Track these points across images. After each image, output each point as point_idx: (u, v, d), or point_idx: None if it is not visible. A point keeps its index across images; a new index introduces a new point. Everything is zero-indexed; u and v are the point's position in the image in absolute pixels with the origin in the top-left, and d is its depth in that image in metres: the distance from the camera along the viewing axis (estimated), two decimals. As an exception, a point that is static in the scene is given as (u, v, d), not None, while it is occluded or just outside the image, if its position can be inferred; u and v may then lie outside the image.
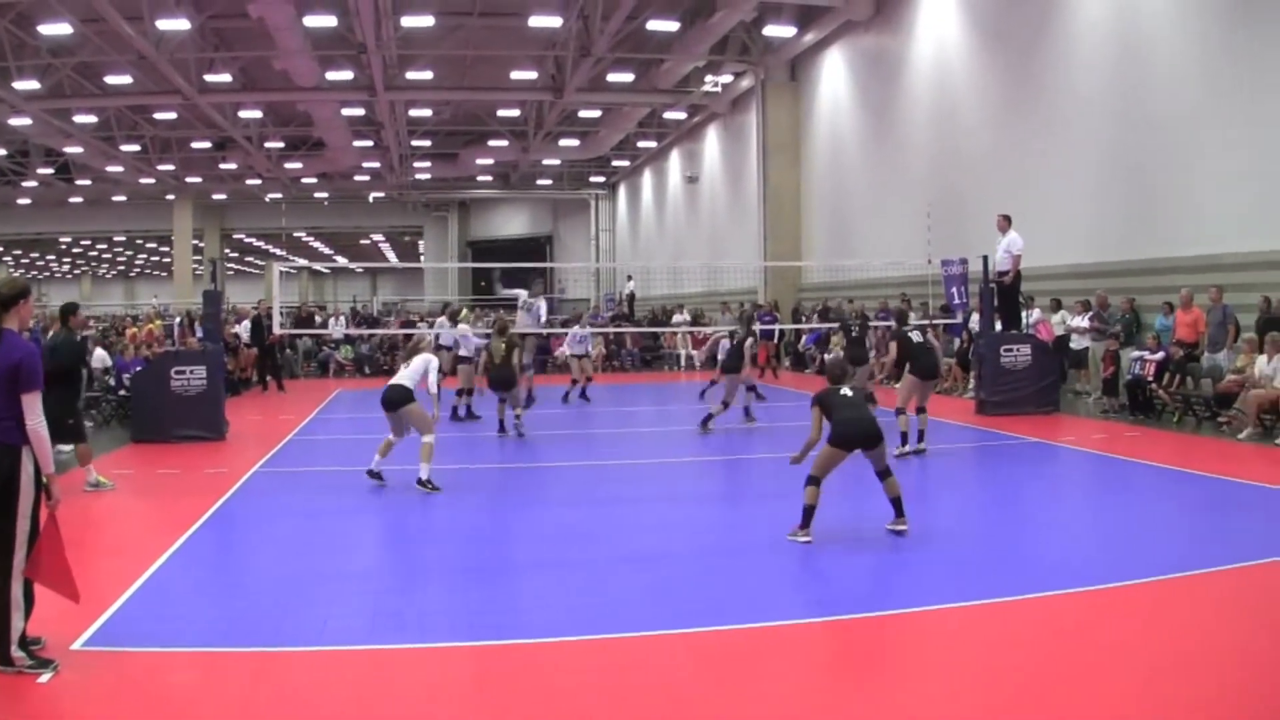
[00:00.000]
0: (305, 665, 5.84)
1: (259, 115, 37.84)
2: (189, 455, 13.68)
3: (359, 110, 37.29)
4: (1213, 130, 16.23)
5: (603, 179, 55.43)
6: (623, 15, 25.97)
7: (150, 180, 46.84)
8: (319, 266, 74.11)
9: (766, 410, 16.42)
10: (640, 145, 46.21)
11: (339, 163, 43.98)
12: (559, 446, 14.94)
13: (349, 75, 30.91)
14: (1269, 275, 15.14)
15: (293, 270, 69.77)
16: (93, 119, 36.01)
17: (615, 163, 51.58)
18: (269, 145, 41.78)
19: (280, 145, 42.59)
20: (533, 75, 33.03)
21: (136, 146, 40.96)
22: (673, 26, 28.80)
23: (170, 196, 50.99)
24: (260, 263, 79.70)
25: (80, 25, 25.44)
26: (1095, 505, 10.55)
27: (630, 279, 39.16)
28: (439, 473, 11.00)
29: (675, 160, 45.30)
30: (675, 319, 32.26)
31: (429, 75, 32.42)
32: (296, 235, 67.17)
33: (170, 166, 44.49)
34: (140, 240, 68.42)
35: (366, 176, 50.51)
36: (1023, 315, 18.32)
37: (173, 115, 36.67)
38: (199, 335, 21.88)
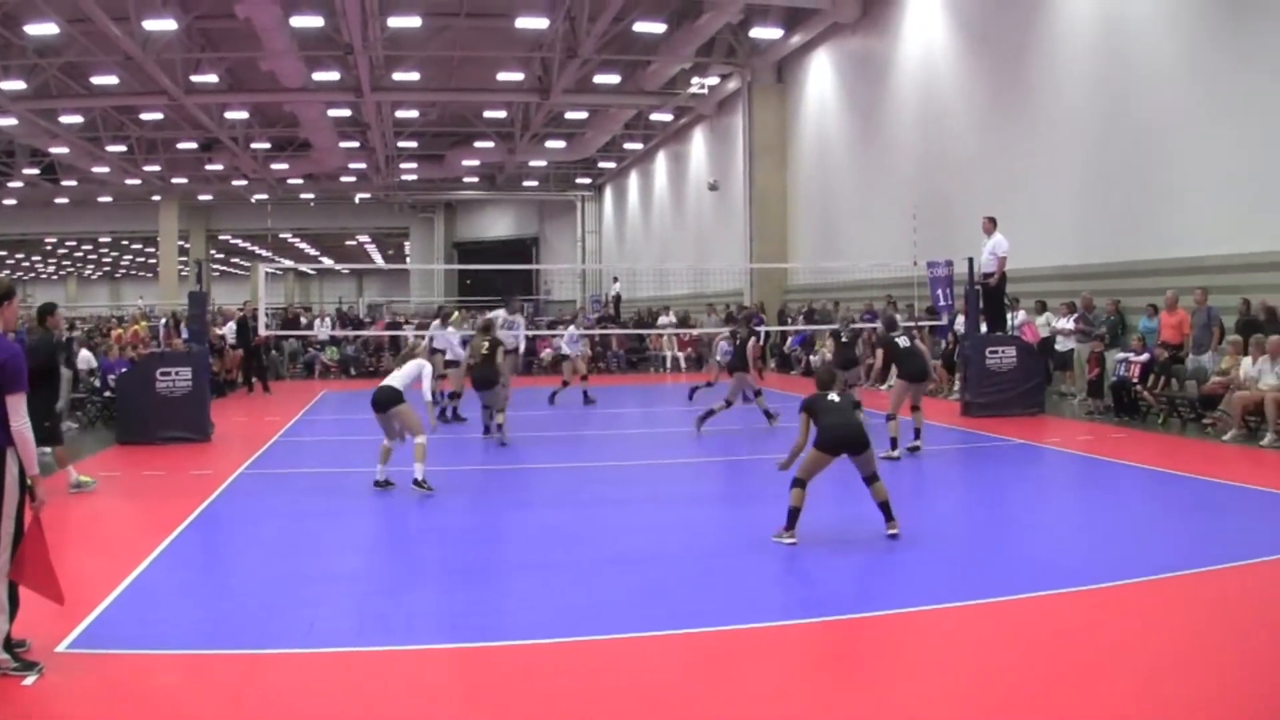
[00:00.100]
0: (291, 667, 5.83)
1: (245, 116, 37.72)
2: (174, 457, 13.63)
3: (345, 111, 37.21)
4: (1197, 133, 16.32)
5: (589, 181, 55.43)
6: (609, 17, 25.96)
7: (136, 181, 46.69)
8: (305, 268, 73.93)
9: (753, 412, 16.38)
10: (626, 147, 46.24)
11: (325, 164, 43.88)
12: (545, 448, 14.92)
13: (335, 76, 30.84)
14: (1252, 277, 15.24)
15: (278, 271, 69.57)
16: (79, 119, 35.88)
17: (601, 164, 51.58)
18: (255, 146, 41.66)
19: (266, 146, 42.49)
20: (519, 77, 33.00)
21: (122, 147, 40.83)
22: (659, 28, 28.84)
23: (156, 197, 50.81)
24: (246, 264, 79.54)
25: (66, 25, 25.34)
26: (1081, 506, 10.60)
27: (616, 281, 39.17)
28: (427, 474, 10.98)
29: (661, 162, 45.34)
30: (661, 321, 32.28)
31: (415, 76, 32.36)
32: (282, 236, 67.08)
33: (156, 167, 44.36)
34: (126, 241, 68.23)
35: (352, 177, 50.42)
36: (1008, 317, 18.38)
37: (159, 116, 36.53)
38: (184, 337, 21.85)
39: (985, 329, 17.39)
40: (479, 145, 43.67)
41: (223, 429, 15.84)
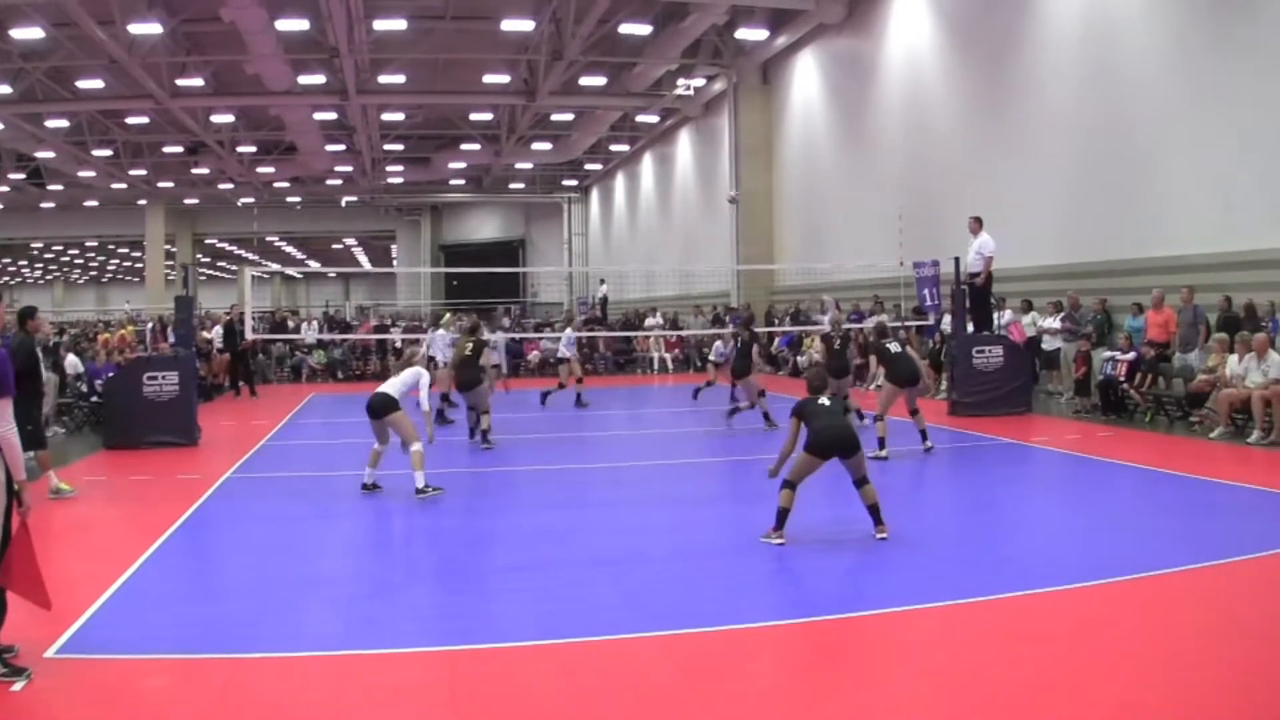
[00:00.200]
0: (279, 671, 5.81)
1: (231, 119, 37.62)
2: (161, 461, 13.59)
3: (331, 114, 37.16)
4: (1181, 133, 16.43)
5: (575, 182, 55.46)
6: (595, 19, 26.01)
7: (122, 185, 46.57)
8: (292, 271, 73.74)
9: (750, 413, 16.38)
10: (613, 149, 46.28)
11: (311, 167, 43.83)
12: (532, 450, 14.89)
13: (321, 79, 30.82)
14: (1235, 276, 15.33)
15: (265, 275, 69.44)
16: (64, 123, 35.81)
17: (588, 166, 51.62)
18: (241, 150, 41.60)
19: (252, 149, 42.43)
20: (505, 79, 33.02)
21: (108, 151, 40.73)
22: (645, 30, 28.89)
23: (142, 201, 50.68)
24: (233, 268, 79.26)
25: (52, 29, 25.28)
26: (1069, 505, 10.61)
27: (603, 283, 39.17)
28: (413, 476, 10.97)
29: (648, 164, 45.37)
30: (648, 322, 32.27)
31: (401, 79, 32.36)
32: (269, 240, 66.87)
33: (142, 171, 44.24)
34: (112, 245, 67.97)
35: (339, 180, 50.36)
36: (994, 317, 18.43)
37: (145, 120, 36.47)
38: (171, 340, 21.79)
39: (972, 329, 17.43)
40: (465, 148, 43.67)
41: (210, 433, 15.78)
